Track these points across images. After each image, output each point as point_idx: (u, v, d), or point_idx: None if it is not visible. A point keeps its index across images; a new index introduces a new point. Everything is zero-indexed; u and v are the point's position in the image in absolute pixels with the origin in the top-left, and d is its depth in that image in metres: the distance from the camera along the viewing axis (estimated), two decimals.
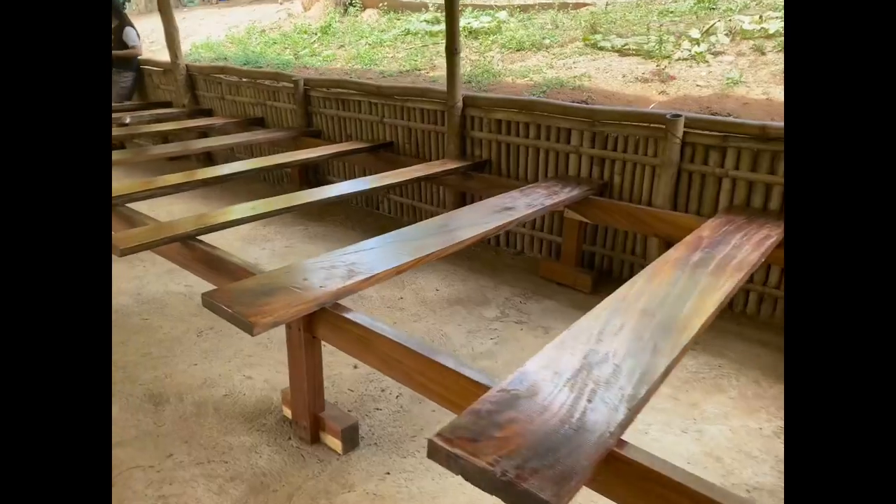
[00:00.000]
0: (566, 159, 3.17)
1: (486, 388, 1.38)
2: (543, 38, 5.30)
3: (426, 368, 1.48)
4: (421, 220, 4.06)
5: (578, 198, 2.79)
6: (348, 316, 1.70)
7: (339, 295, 1.74)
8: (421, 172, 3.17)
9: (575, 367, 1.33)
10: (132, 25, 5.59)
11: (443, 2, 7.37)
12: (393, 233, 2.22)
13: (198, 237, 2.26)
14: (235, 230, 3.82)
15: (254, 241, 3.67)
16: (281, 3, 10.49)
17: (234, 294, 1.67)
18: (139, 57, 5.72)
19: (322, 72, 5.26)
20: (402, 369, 1.55)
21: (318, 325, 1.77)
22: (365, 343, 1.65)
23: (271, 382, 2.25)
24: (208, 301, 1.64)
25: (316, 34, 7.50)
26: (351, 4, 8.54)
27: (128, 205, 2.66)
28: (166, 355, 2.43)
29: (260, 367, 2.35)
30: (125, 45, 5.52)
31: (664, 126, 2.71)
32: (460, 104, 3.45)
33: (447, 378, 1.44)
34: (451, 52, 3.33)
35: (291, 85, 4.40)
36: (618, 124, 2.92)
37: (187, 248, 2.23)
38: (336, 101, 4.24)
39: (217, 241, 2.30)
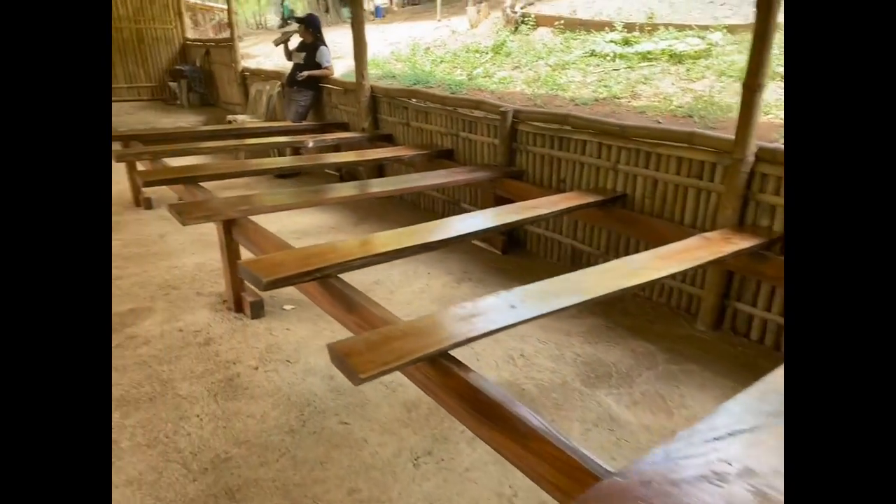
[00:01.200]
0: None
1: None
2: (776, 66, 4.29)
3: None
4: (662, 300, 2.91)
5: None
6: None
7: None
8: (706, 254, 2.27)
9: None
10: (326, 45, 5.32)
11: (629, 20, 6.52)
12: (751, 392, 1.38)
13: (449, 352, 1.59)
14: (427, 288, 3.21)
15: (442, 297, 3.00)
16: (439, 21, 10.19)
17: None
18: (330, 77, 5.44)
19: (500, 95, 4.66)
20: None
21: None
22: None
23: None
24: None
25: (487, 53, 7.00)
26: (523, 22, 7.99)
27: (340, 275, 2.09)
28: (379, 498, 1.78)
29: None
30: (318, 64, 5.25)
31: None
32: (752, 158, 2.52)
33: None
34: (752, 88, 2.42)
35: (497, 116, 3.73)
36: None
37: (435, 369, 1.56)
38: (552, 138, 3.49)
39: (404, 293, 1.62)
